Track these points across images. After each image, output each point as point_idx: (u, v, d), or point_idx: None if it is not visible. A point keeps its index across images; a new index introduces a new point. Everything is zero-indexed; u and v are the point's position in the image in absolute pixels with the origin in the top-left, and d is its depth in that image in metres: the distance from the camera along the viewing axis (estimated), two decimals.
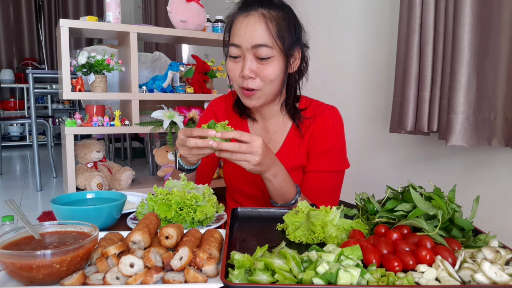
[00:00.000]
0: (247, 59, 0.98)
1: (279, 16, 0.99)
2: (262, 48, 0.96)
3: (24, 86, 5.98)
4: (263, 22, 0.96)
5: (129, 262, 0.59)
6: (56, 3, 6.60)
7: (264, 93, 1.02)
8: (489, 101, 1.26)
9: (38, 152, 3.40)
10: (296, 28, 1.02)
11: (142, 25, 2.33)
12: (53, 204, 0.85)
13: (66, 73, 2.14)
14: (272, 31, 0.96)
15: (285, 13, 1.01)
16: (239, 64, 1.00)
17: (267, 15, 0.97)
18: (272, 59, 0.98)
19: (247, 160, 0.88)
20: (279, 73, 1.00)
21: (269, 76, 0.99)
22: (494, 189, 1.38)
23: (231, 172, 1.17)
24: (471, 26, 1.26)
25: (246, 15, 0.98)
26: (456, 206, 0.73)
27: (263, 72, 0.98)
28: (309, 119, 1.11)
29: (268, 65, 0.98)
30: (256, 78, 0.99)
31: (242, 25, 0.98)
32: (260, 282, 0.55)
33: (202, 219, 0.86)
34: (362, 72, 2.00)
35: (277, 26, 0.97)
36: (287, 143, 1.12)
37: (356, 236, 0.70)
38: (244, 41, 0.97)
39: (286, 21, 1.00)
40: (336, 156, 1.10)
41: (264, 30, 0.96)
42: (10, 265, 0.57)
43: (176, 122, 2.34)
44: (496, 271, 0.56)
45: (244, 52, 0.98)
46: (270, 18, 0.97)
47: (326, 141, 1.09)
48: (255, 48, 0.96)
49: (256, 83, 1.00)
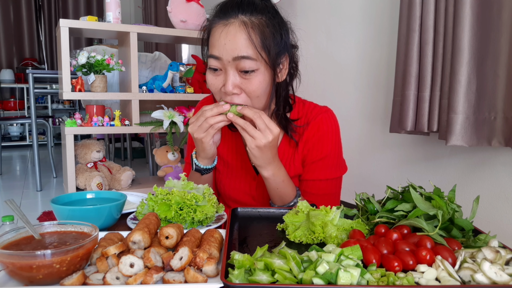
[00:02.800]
0: (229, 73, 0.88)
1: (262, 22, 0.89)
2: (245, 60, 0.86)
3: (24, 86, 5.98)
4: (245, 31, 0.86)
5: (129, 262, 0.59)
6: (56, 3, 6.60)
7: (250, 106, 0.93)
8: (489, 101, 1.26)
9: (38, 152, 3.39)
10: (282, 34, 0.92)
11: (142, 25, 2.33)
12: (53, 204, 0.85)
13: (66, 73, 2.14)
14: (255, 41, 0.87)
15: (269, 18, 0.90)
16: (220, 78, 0.91)
17: (248, 23, 0.87)
18: (256, 72, 0.88)
19: (254, 137, 0.87)
20: (266, 87, 0.91)
21: (255, 91, 0.90)
22: (494, 189, 1.38)
23: (223, 180, 1.12)
24: (471, 26, 1.26)
25: (225, 24, 0.88)
26: (456, 206, 0.73)
27: (248, 87, 0.89)
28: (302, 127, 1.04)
29: (253, 79, 0.88)
30: (241, 94, 0.90)
31: (221, 35, 0.88)
32: (260, 282, 0.55)
33: (202, 219, 0.86)
34: (362, 72, 2.00)
35: (260, 35, 0.87)
36: (280, 151, 1.05)
37: (356, 236, 0.70)
38: (225, 53, 0.87)
39: (271, 27, 0.89)
40: (332, 163, 1.05)
41: (246, 41, 0.86)
42: (10, 265, 0.57)
43: (176, 122, 2.34)
44: (496, 271, 0.56)
45: (225, 65, 0.88)
46: (253, 27, 0.87)
47: (322, 148, 1.03)
48: (237, 61, 0.87)
49: (242, 98, 0.91)
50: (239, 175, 1.10)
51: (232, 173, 1.11)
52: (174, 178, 0.96)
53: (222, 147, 1.11)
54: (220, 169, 1.13)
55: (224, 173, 1.12)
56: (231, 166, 1.11)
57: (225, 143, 1.11)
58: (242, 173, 1.10)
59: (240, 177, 1.10)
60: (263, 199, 1.08)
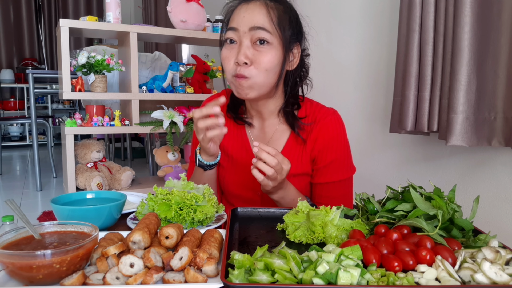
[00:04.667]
0: (243, 44, 0.93)
1: (281, 8, 0.97)
2: (261, 31, 0.92)
3: (24, 86, 5.98)
4: (265, 7, 0.94)
5: (129, 262, 0.59)
6: (56, 3, 6.60)
7: (257, 83, 0.95)
8: (489, 101, 1.26)
9: (38, 152, 3.40)
10: (297, 25, 1.01)
11: (142, 25, 2.33)
12: (53, 204, 0.85)
13: (66, 73, 2.14)
14: (273, 17, 0.93)
15: (287, 8, 0.99)
16: (234, 50, 0.95)
17: (269, 3, 0.95)
18: (269, 46, 0.93)
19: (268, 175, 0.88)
20: (276, 64, 0.95)
21: (264, 64, 0.93)
22: (494, 189, 1.38)
23: (227, 176, 1.13)
24: (471, 26, 1.26)
25: (248, 2, 0.96)
26: (456, 206, 0.73)
27: (258, 59, 0.93)
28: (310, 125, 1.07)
29: (265, 52, 0.93)
30: (251, 66, 0.93)
31: (242, 9, 0.95)
32: (260, 282, 0.55)
33: (202, 219, 0.86)
34: (362, 72, 2.00)
35: (278, 14, 0.95)
36: (287, 148, 1.08)
37: (356, 236, 0.70)
38: (242, 24, 0.93)
39: (288, 13, 0.98)
40: (342, 165, 1.08)
41: (265, 15, 0.93)
42: (10, 265, 0.57)
43: (176, 122, 2.34)
44: (496, 271, 0.56)
45: (241, 36, 0.93)
46: (272, 7, 0.95)
47: (331, 151, 1.06)
48: (253, 31, 0.92)
49: (250, 70, 0.93)
50: (244, 170, 1.10)
51: (236, 168, 1.11)
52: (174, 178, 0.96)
53: (227, 142, 1.12)
54: (224, 164, 1.13)
55: (228, 169, 1.12)
56: (235, 161, 1.11)
57: (230, 137, 1.12)
58: (247, 168, 1.09)
59: (244, 172, 1.10)
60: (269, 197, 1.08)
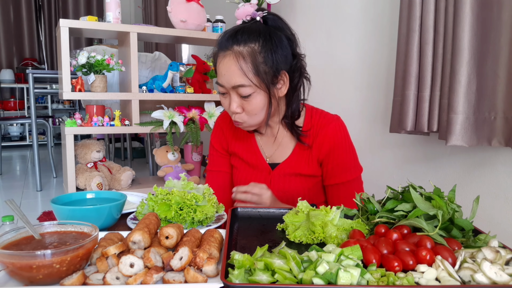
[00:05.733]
0: (232, 97, 1.03)
1: (254, 50, 0.99)
2: (240, 88, 1.00)
3: (24, 86, 5.97)
4: (236, 63, 0.98)
5: (129, 262, 0.59)
6: (56, 3, 6.60)
7: (251, 124, 1.08)
8: (489, 101, 1.26)
9: (38, 152, 3.39)
10: (277, 56, 1.00)
11: (142, 25, 2.33)
12: (53, 204, 0.85)
13: (66, 73, 2.14)
14: (246, 70, 0.98)
15: (263, 42, 0.99)
16: (227, 99, 1.06)
17: (239, 53, 0.99)
18: (253, 95, 1.01)
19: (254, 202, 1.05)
20: (263, 106, 1.04)
21: (252, 110, 1.03)
22: (494, 189, 1.38)
23: (240, 176, 1.23)
24: (471, 26, 1.26)
25: (223, 55, 1.01)
26: (456, 206, 0.73)
27: (247, 107, 1.03)
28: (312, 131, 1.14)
29: (251, 101, 1.02)
30: (243, 113, 1.05)
31: (221, 66, 1.02)
32: (260, 282, 0.55)
33: (202, 219, 0.86)
34: (362, 72, 2.00)
35: (252, 63, 0.98)
36: (296, 152, 1.16)
37: (356, 236, 0.70)
38: (225, 82, 1.02)
39: (264, 52, 0.99)
40: (349, 166, 1.15)
41: (238, 71, 0.98)
42: (10, 265, 0.57)
43: (176, 122, 2.34)
44: (496, 271, 0.56)
45: (228, 90, 1.03)
46: (244, 57, 0.98)
47: (337, 155, 1.13)
48: (235, 88, 1.01)
49: (242, 117, 1.05)
50: (254, 170, 1.20)
51: (247, 170, 1.21)
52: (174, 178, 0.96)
53: (238, 147, 1.22)
54: (237, 165, 1.23)
55: (241, 169, 1.22)
56: (246, 163, 1.21)
57: (241, 143, 1.22)
58: (256, 168, 1.19)
59: (255, 173, 1.19)
60: (277, 193, 1.13)
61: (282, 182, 1.15)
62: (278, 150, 1.18)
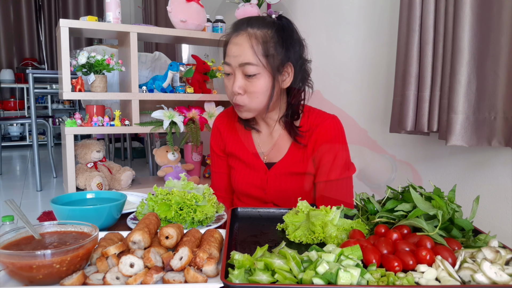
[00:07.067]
0: (236, 77, 1.05)
1: (267, 34, 1.04)
2: (248, 66, 1.02)
3: (24, 86, 5.97)
4: (248, 41, 1.03)
5: (129, 262, 0.59)
6: (56, 3, 6.60)
7: (251, 108, 1.08)
8: (489, 101, 1.26)
9: (38, 152, 3.39)
10: (286, 46, 1.06)
11: (142, 25, 2.33)
12: (53, 204, 0.85)
13: (66, 73, 2.14)
14: (256, 50, 1.02)
15: (274, 32, 1.05)
16: (231, 81, 1.08)
17: (253, 34, 1.04)
18: (258, 76, 1.03)
19: None
20: (266, 89, 1.05)
21: (254, 92, 1.05)
22: (494, 189, 1.38)
23: (237, 177, 1.24)
24: (471, 26, 1.26)
25: (236, 35, 1.06)
26: (456, 206, 0.73)
27: (250, 88, 1.05)
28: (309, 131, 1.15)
29: (255, 82, 1.04)
30: (244, 95, 1.06)
31: (231, 45, 1.06)
32: (260, 282, 0.55)
33: (202, 219, 0.86)
34: (362, 72, 2.00)
35: (263, 45, 1.03)
36: (291, 150, 1.16)
37: (356, 236, 0.70)
38: (233, 60, 1.04)
39: (275, 38, 1.04)
40: (340, 164, 1.14)
41: (249, 49, 1.02)
42: (10, 265, 0.57)
43: (176, 122, 2.34)
44: (496, 271, 0.56)
45: (234, 69, 1.05)
46: (257, 37, 1.03)
47: (329, 151, 1.13)
48: (242, 66, 1.03)
49: (244, 99, 1.06)
50: (251, 170, 1.20)
51: (244, 169, 1.22)
52: (174, 178, 0.96)
53: (234, 146, 1.23)
54: (234, 165, 1.23)
55: (238, 169, 1.23)
56: (243, 163, 1.22)
57: (239, 142, 1.22)
58: (253, 168, 1.20)
59: (251, 172, 1.20)
60: (274, 192, 1.15)
61: (278, 181, 1.15)
62: (274, 149, 1.18)
